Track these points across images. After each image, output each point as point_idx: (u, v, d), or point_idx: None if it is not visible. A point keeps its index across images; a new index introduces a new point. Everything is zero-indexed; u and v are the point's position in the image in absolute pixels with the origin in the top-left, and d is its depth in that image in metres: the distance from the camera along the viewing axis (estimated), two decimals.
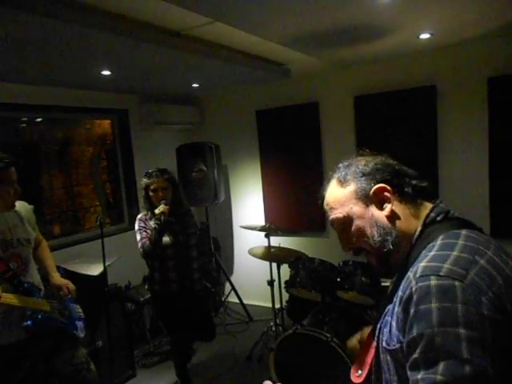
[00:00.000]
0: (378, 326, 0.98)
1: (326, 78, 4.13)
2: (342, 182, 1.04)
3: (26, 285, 2.02)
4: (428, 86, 3.61)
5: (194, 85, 4.14)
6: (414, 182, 1.02)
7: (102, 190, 4.49)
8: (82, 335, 2.28)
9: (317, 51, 3.26)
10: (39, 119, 3.85)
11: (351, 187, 1.03)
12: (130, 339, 3.47)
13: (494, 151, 3.43)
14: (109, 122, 4.37)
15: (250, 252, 3.57)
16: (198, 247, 3.09)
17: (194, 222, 3.14)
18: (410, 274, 0.87)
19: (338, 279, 2.93)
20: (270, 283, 3.41)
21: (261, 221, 4.53)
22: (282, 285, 3.29)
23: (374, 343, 0.99)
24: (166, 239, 2.83)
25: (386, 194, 0.99)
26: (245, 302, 4.53)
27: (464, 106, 3.53)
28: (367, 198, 1.01)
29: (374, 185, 1.00)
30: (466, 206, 3.01)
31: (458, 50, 3.48)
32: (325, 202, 1.09)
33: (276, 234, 3.44)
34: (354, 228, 1.02)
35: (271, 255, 3.33)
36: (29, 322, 1.98)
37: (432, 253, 0.88)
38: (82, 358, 2.24)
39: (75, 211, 4.21)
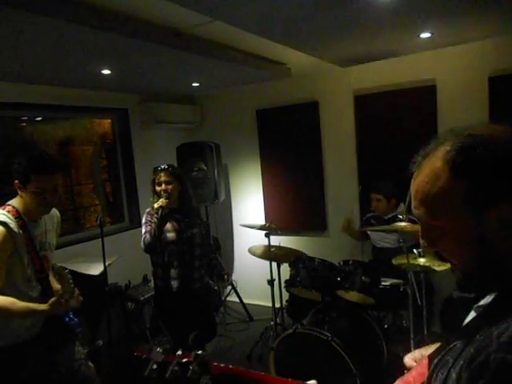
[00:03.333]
0: (436, 360, 0.73)
1: (326, 78, 4.12)
2: (456, 169, 0.66)
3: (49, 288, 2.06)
4: (428, 86, 3.61)
5: (194, 84, 4.14)
6: None
7: (102, 190, 4.49)
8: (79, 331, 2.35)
9: (318, 49, 3.22)
10: (39, 118, 3.85)
11: (465, 184, 0.65)
12: (130, 338, 3.47)
13: None
14: (109, 121, 4.37)
15: (250, 251, 3.57)
16: (202, 247, 3.01)
17: (199, 221, 3.09)
18: (494, 330, 0.59)
19: (338, 278, 2.93)
20: (270, 282, 3.41)
21: (261, 220, 4.53)
22: (282, 284, 3.29)
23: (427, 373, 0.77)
24: (171, 235, 2.80)
25: None
26: (245, 301, 4.53)
27: (464, 105, 3.52)
28: (484, 210, 0.64)
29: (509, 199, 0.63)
30: None
31: (458, 50, 3.48)
32: (416, 179, 0.74)
33: (276, 234, 3.44)
34: (443, 243, 0.72)
35: (271, 254, 3.33)
36: (71, 316, 2.15)
37: None
38: (80, 354, 2.28)
39: (75, 210, 4.21)
